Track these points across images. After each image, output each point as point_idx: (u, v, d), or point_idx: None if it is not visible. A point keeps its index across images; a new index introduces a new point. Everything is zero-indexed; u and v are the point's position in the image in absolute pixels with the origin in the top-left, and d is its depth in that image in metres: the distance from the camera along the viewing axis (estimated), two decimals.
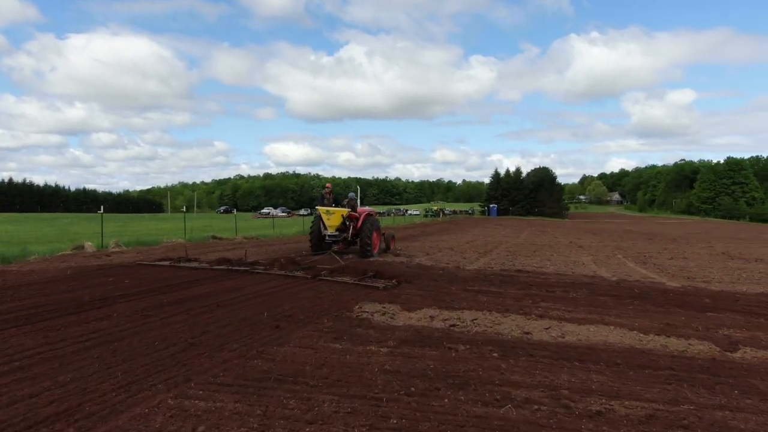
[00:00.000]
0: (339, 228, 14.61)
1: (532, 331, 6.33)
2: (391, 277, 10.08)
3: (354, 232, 14.83)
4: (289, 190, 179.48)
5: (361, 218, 14.97)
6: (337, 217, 14.53)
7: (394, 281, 9.77)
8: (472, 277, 10.95)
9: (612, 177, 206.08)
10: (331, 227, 14.53)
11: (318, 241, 14.84)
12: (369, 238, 14.30)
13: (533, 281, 10.58)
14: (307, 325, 6.30)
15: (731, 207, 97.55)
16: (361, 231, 14.54)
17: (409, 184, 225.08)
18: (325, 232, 14.63)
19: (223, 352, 5.09)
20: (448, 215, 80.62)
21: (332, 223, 14.51)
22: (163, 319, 6.32)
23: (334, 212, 14.56)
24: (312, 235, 15.13)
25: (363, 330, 6.17)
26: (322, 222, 14.65)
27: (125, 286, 8.70)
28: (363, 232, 14.46)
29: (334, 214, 14.53)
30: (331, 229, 14.52)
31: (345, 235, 14.79)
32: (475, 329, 6.41)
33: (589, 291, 9.49)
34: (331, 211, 14.57)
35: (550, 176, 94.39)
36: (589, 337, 6.10)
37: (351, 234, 14.84)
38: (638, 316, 7.33)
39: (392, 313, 7.21)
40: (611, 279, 11.27)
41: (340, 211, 14.62)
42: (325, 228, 14.60)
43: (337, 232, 14.60)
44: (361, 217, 15.00)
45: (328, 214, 14.53)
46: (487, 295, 8.79)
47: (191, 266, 11.20)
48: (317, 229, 14.84)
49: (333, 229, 14.53)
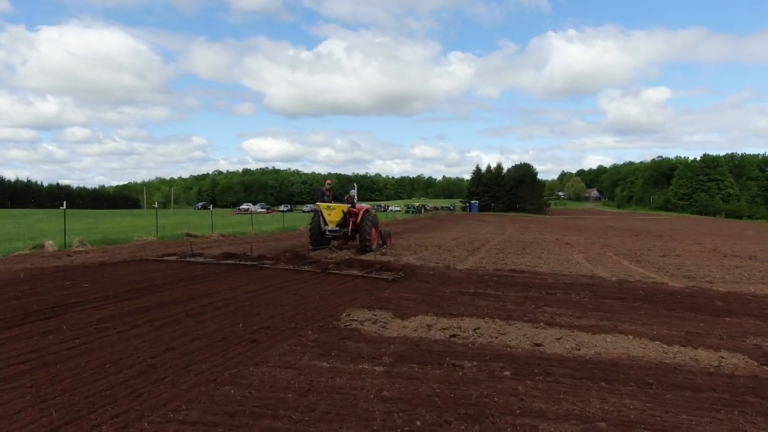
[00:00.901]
0: (339, 223, 14.84)
1: (543, 343, 5.63)
2: (398, 270, 10.33)
3: (353, 228, 15.04)
4: (268, 186, 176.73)
5: (360, 214, 15.14)
6: (338, 213, 14.75)
7: (401, 273, 10.03)
8: (465, 278, 10.25)
9: (590, 173, 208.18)
10: (331, 222, 14.74)
11: (318, 236, 15.01)
12: (368, 233, 14.54)
13: (530, 282, 9.92)
14: (289, 338, 5.50)
15: (707, 203, 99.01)
16: (361, 226, 14.77)
17: (390, 180, 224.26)
18: (325, 228, 14.82)
19: (188, 375, 4.26)
20: (429, 211, 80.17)
21: (333, 218, 14.73)
22: (120, 333, 5.44)
23: (334, 208, 14.77)
24: (312, 230, 15.28)
25: (353, 343, 5.39)
26: (323, 217, 14.84)
27: (83, 291, 7.76)
28: (362, 227, 14.70)
29: (334, 209, 14.75)
30: (332, 224, 14.75)
31: (345, 230, 15.02)
32: (479, 340, 5.68)
33: (592, 293, 8.86)
34: (332, 207, 14.77)
35: (531, 172, 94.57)
36: (608, 349, 5.42)
37: (351, 229, 15.06)
38: (653, 323, 6.70)
39: (384, 321, 6.45)
40: (611, 279, 10.68)
41: (340, 207, 14.84)
42: (326, 223, 14.80)
43: (337, 228, 14.82)
44: (360, 213, 15.17)
45: (329, 210, 14.75)
46: (485, 299, 8.09)
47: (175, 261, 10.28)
48: (317, 224, 15.03)
49: (333, 225, 14.76)
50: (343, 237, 15.21)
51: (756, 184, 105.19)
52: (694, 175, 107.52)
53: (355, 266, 10.63)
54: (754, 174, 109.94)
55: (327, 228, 14.82)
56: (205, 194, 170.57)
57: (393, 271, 10.33)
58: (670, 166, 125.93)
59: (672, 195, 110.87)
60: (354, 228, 15.04)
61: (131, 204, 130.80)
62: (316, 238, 15.03)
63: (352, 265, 10.76)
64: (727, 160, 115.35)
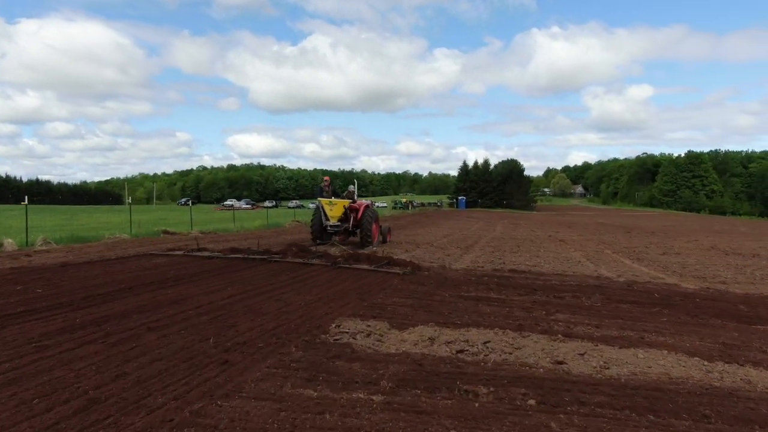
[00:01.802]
0: (340, 219, 14.93)
1: (566, 360, 4.84)
2: (405, 264, 10.50)
3: (354, 223, 15.16)
4: (253, 182, 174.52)
5: (361, 209, 15.28)
6: (339, 208, 14.84)
7: (409, 268, 10.13)
8: (463, 280, 9.46)
9: (575, 170, 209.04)
10: (332, 218, 14.83)
11: (319, 232, 15.11)
12: (369, 228, 14.70)
13: (534, 284, 9.16)
14: (269, 356, 4.63)
15: (692, 200, 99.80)
16: (362, 222, 14.92)
17: (375, 176, 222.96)
18: (326, 223, 14.91)
19: (138, 414, 3.37)
20: (417, 207, 79.43)
21: (334, 213, 14.83)
22: (63, 353, 4.52)
23: (336, 203, 14.86)
24: (313, 225, 15.40)
25: (345, 363, 4.55)
26: (324, 213, 14.95)
27: (33, 298, 6.79)
28: (363, 222, 14.85)
29: (336, 205, 14.83)
30: (333, 219, 14.84)
31: (346, 225, 15.09)
32: (491, 357, 4.88)
33: (603, 296, 8.12)
34: (334, 202, 14.87)
35: (519, 169, 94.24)
36: (642, 368, 4.64)
37: (351, 225, 15.17)
38: (681, 332, 5.96)
39: (379, 333, 5.62)
40: (619, 280, 9.97)
41: (342, 202, 14.94)
42: (327, 219, 14.90)
43: (338, 223, 14.90)
44: (361, 209, 15.30)
45: (331, 205, 14.86)
46: (488, 304, 7.29)
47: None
48: (318, 219, 15.12)
49: (335, 220, 14.85)
50: (344, 232, 15.23)
51: (739, 181, 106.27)
52: (678, 171, 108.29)
53: (363, 260, 10.72)
54: (737, 170, 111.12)
55: (328, 223, 14.87)
56: (189, 190, 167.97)
57: (400, 266, 10.39)
58: (655, 163, 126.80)
59: (657, 191, 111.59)
60: (355, 223, 15.14)
61: (113, 200, 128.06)
62: (318, 234, 15.07)
63: (360, 259, 10.88)
64: (711, 156, 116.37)
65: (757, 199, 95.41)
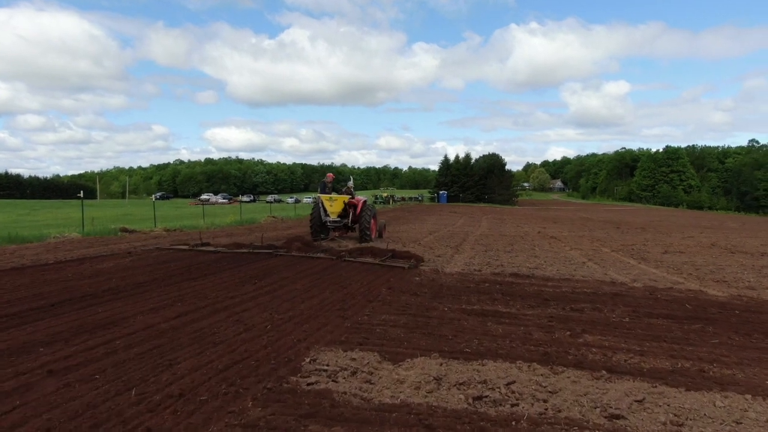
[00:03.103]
0: (340, 214, 15.16)
1: (622, 412, 3.56)
2: (408, 258, 10.51)
3: (353, 219, 15.38)
4: (231, 176, 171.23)
5: (360, 205, 15.46)
6: (339, 204, 15.06)
7: (413, 261, 10.08)
8: (462, 287, 8.16)
9: (554, 165, 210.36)
10: (332, 213, 15.06)
11: (318, 227, 15.32)
12: (368, 223, 14.92)
13: (543, 292, 7.91)
14: (212, 420, 3.23)
15: (670, 194, 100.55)
16: (361, 217, 15.14)
17: (355, 170, 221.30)
18: (326, 219, 15.16)
19: None
20: (398, 202, 78.19)
21: (334, 209, 15.05)
22: None
23: (336, 199, 15.04)
24: (313, 221, 15.56)
25: (322, 429, 3.18)
26: (323, 208, 15.16)
27: None
28: (363, 218, 15.08)
29: (336, 201, 15.03)
30: (333, 215, 15.07)
31: (345, 221, 15.33)
32: (522, 409, 3.57)
33: (628, 308, 6.90)
34: (334, 198, 15.05)
35: (500, 163, 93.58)
36: (730, 426, 3.38)
37: (350, 220, 15.38)
38: (744, 360, 4.75)
39: (368, 370, 4.27)
40: (636, 286, 8.78)
41: (342, 198, 15.11)
42: (327, 214, 15.13)
43: (338, 218, 15.15)
44: (360, 205, 15.48)
45: (331, 201, 15.04)
46: (498, 321, 6.00)
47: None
48: (317, 215, 15.31)
49: (335, 216, 15.08)
50: (343, 227, 15.55)
51: (716, 176, 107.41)
52: (656, 166, 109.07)
53: (366, 254, 10.81)
54: (714, 165, 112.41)
55: (328, 219, 15.13)
56: (166, 184, 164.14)
57: (405, 259, 10.41)
58: (634, 158, 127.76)
59: (635, 186, 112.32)
60: (354, 219, 15.35)
61: (85, 194, 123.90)
62: (317, 229, 15.29)
63: (363, 253, 10.97)
64: (688, 152, 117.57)
65: (733, 194, 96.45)
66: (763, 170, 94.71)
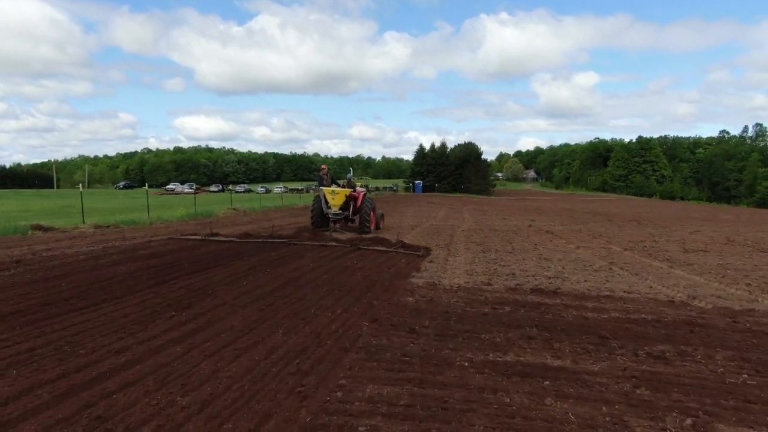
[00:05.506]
0: (342, 207, 15.30)
1: None
2: (418, 248, 10.81)
3: (354, 211, 15.65)
4: (201, 165, 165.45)
5: (360, 198, 15.66)
6: (341, 197, 15.21)
7: (422, 251, 10.40)
8: (473, 313, 5.84)
9: (527, 154, 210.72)
10: (334, 206, 15.18)
11: (319, 219, 15.52)
12: (369, 216, 15.24)
13: (588, 319, 5.67)
14: None
15: (643, 184, 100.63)
16: (362, 209, 15.42)
17: (328, 160, 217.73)
18: (328, 211, 15.27)
19: None
20: (372, 192, 75.78)
21: (336, 202, 15.17)
22: None
23: (338, 192, 15.24)
24: (314, 213, 15.86)
25: None
26: (325, 201, 15.32)
27: None
28: (363, 210, 15.36)
29: (338, 194, 15.20)
30: (335, 207, 15.19)
31: (346, 213, 15.52)
32: None
33: (725, 351, 4.69)
34: (336, 191, 15.25)
35: (477, 152, 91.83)
36: None
37: (351, 212, 15.63)
38: None
39: None
40: (702, 306, 6.60)
41: (344, 192, 15.31)
42: (328, 207, 15.26)
43: (339, 211, 15.26)
44: (360, 197, 15.69)
45: (333, 194, 15.19)
46: (557, 390, 3.70)
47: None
48: (318, 207, 15.54)
49: (336, 208, 15.20)
50: (345, 220, 15.75)
51: (687, 166, 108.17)
52: (630, 156, 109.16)
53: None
54: (685, 156, 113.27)
55: (330, 211, 15.22)
56: (134, 173, 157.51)
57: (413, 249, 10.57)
58: (607, 148, 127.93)
59: (609, 176, 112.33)
60: (354, 211, 15.64)
61: (43, 183, 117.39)
62: (318, 221, 15.49)
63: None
64: (661, 142, 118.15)
65: (704, 184, 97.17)
66: (733, 161, 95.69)
